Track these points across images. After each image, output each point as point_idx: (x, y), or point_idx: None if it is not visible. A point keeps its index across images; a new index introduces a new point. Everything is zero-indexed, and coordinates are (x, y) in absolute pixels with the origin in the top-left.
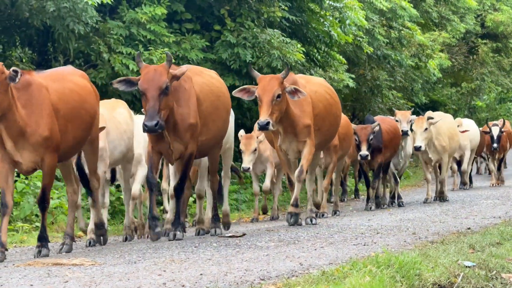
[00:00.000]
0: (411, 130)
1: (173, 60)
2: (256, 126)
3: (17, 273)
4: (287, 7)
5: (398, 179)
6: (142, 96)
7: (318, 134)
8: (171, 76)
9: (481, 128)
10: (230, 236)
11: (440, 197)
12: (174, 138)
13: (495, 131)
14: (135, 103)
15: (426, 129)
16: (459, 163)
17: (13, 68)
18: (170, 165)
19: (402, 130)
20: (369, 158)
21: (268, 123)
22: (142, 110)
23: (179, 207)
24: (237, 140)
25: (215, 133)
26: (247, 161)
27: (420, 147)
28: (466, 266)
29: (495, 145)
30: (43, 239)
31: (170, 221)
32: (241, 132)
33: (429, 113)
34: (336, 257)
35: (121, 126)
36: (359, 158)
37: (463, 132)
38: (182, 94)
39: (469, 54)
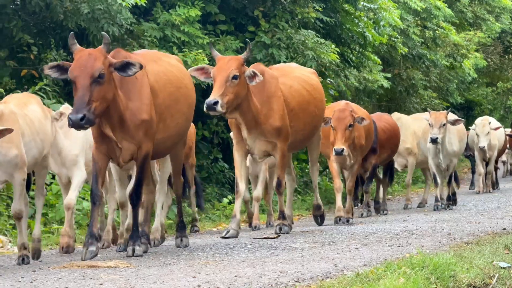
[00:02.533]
0: (430, 125)
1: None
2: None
3: (52, 275)
4: (321, 8)
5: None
6: (73, 85)
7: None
8: (108, 63)
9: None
10: (264, 238)
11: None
12: (123, 137)
13: None
14: None
15: (444, 124)
16: (487, 164)
17: None
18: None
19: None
20: (345, 153)
21: (216, 102)
22: None
23: (136, 218)
24: None
25: (174, 130)
26: None
27: (437, 138)
28: (501, 267)
29: None
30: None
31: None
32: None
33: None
34: (371, 258)
35: (34, 125)
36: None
37: (495, 129)
38: (132, 85)
39: (505, 54)
